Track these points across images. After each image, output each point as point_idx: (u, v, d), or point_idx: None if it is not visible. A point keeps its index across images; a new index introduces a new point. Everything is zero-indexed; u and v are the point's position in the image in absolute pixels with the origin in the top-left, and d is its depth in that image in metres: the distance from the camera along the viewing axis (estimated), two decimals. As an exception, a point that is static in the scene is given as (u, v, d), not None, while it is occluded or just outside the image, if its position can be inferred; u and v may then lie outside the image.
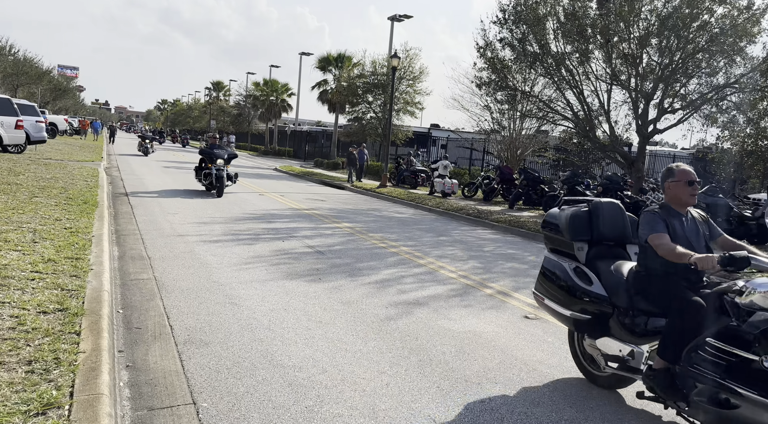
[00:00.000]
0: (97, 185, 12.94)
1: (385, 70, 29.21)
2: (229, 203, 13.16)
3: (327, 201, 16.02)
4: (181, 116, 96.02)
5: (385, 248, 9.00)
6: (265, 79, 52.11)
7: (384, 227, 11.57)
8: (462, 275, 7.51)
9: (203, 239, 8.44)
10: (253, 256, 7.52)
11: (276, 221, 10.91)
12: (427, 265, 7.96)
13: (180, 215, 10.71)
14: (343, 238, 9.65)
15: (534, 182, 17.02)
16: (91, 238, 7.03)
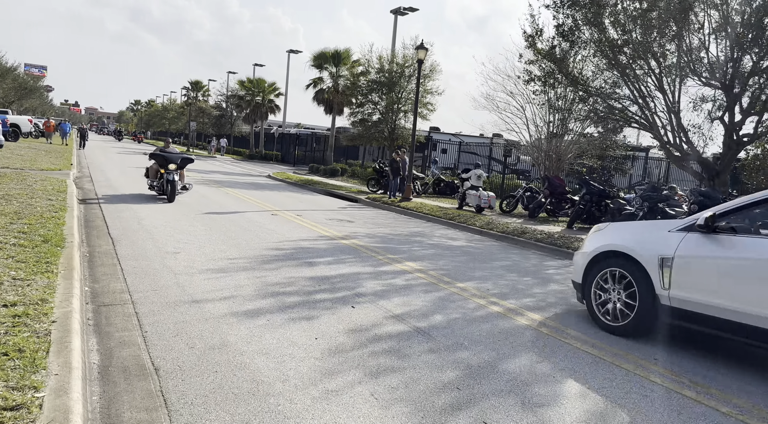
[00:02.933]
0: (65, 207, 9.74)
1: (394, 66, 26.27)
2: (240, 230, 10.07)
3: (355, 222, 13.00)
4: (156, 117, 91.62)
5: (504, 314, 6.00)
6: (249, 78, 48.72)
7: (459, 266, 8.63)
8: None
9: (231, 308, 5.39)
10: (328, 350, 4.50)
11: (318, 263, 7.88)
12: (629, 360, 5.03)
13: (183, 254, 7.61)
14: (429, 294, 6.68)
15: (600, 196, 14.26)
16: (48, 331, 3.94)
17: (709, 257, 5.00)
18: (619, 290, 5.66)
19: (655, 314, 5.35)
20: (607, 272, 5.78)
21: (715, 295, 4.85)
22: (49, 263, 5.82)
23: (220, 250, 8.10)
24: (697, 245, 5.12)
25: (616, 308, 5.64)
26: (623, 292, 5.61)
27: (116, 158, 30.20)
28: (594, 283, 5.90)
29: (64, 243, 6.90)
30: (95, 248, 7.63)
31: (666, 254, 5.27)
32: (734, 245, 4.90)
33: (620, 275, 5.65)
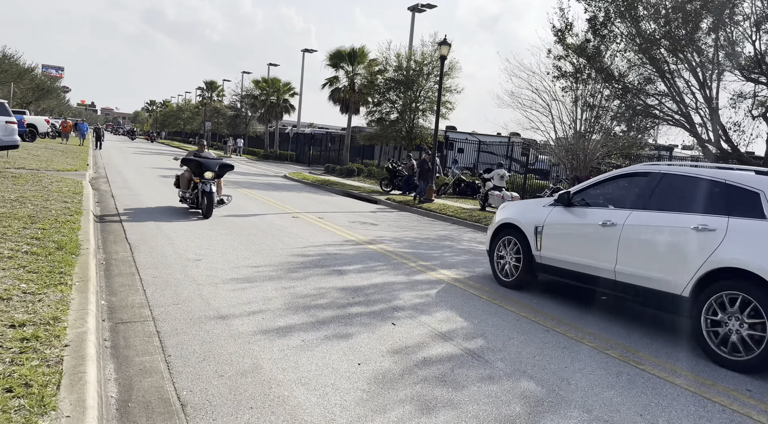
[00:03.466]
0: (81, 210, 9.34)
1: (412, 64, 25.73)
2: (262, 234, 9.60)
3: (379, 225, 12.48)
4: (171, 118, 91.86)
5: (563, 334, 5.42)
6: (264, 77, 48.41)
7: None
8: None
9: (261, 324, 4.89)
10: (374, 379, 3.98)
11: (348, 271, 7.37)
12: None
13: (205, 261, 7.14)
14: (471, 306, 6.14)
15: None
16: (60, 358, 3.47)
17: (564, 224, 6.60)
18: (511, 254, 7.21)
19: (532, 270, 6.96)
20: (504, 239, 7.34)
21: (566, 253, 6.46)
22: (62, 273, 5.38)
23: (243, 257, 7.62)
24: (557, 216, 6.70)
25: (510, 268, 7.19)
26: (513, 255, 7.17)
27: (132, 159, 29.99)
28: (496, 248, 7.47)
29: (79, 250, 6.47)
30: (112, 254, 7.19)
31: (539, 223, 6.85)
32: (579, 215, 6.48)
33: (510, 241, 7.22)
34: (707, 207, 5.37)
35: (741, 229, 4.99)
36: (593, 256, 6.08)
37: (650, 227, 5.67)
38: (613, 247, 5.88)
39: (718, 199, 5.34)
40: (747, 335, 4.72)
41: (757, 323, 4.66)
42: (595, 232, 6.09)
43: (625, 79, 13.39)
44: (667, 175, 5.89)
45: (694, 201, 5.53)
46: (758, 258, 4.73)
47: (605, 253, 5.94)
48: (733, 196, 5.23)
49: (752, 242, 4.87)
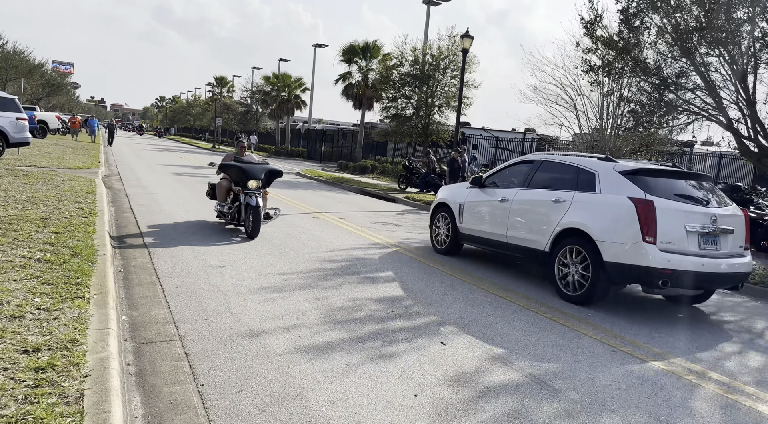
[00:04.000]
0: (95, 211, 8.92)
1: (429, 58, 25.15)
2: (287, 237, 9.13)
3: (402, 226, 11.99)
4: (181, 114, 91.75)
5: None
6: (274, 73, 47.95)
7: (541, 282, 7.56)
8: None
9: (298, 343, 4.42)
10: (436, 415, 3.47)
11: (380, 279, 6.89)
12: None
13: (230, 268, 6.67)
14: (524, 322, 5.64)
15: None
16: (80, 392, 3.00)
17: (476, 201, 8.32)
18: (443, 227, 8.96)
19: (457, 240, 8.68)
20: (439, 215, 9.10)
21: (478, 224, 8.17)
22: (79, 284, 4.93)
23: (268, 263, 7.15)
24: (473, 196, 8.44)
25: (442, 238, 8.95)
26: (444, 228, 8.94)
27: (144, 156, 29.67)
28: (432, 223, 9.30)
29: (95, 256, 6.03)
30: (130, 260, 6.75)
31: (461, 201, 8.61)
32: (488, 194, 8.14)
33: (443, 217, 8.98)
34: (563, 184, 7.06)
35: (581, 200, 6.68)
36: (494, 225, 7.88)
37: (528, 200, 7.44)
38: (505, 217, 7.67)
39: (571, 178, 6.98)
40: (579, 276, 6.43)
41: (585, 267, 6.37)
42: (496, 206, 7.90)
43: (662, 71, 12.77)
44: (544, 161, 7.66)
45: (557, 180, 7.21)
46: (588, 220, 6.45)
47: (501, 222, 7.73)
48: (580, 176, 6.87)
49: (586, 209, 6.57)
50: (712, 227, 6.12)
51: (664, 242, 5.94)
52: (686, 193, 6.46)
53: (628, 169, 6.53)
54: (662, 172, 6.68)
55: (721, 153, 26.57)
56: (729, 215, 6.38)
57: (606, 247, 6.15)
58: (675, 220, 6.04)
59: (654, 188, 6.27)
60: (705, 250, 6.09)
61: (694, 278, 5.94)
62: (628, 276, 6.11)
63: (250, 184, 8.66)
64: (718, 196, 6.73)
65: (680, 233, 5.99)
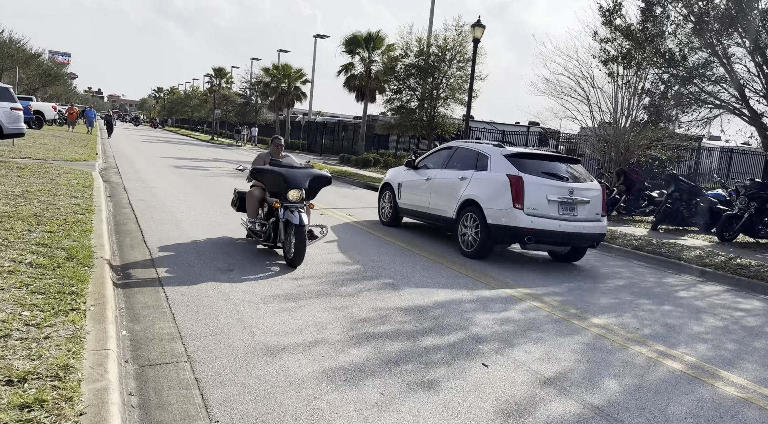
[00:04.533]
0: (92, 207, 8.38)
1: (434, 49, 24.54)
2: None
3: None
4: (179, 105, 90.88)
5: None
6: (274, 64, 47.20)
7: (572, 288, 7.07)
8: None
9: (322, 365, 3.90)
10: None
11: (401, 285, 6.37)
12: None
13: (238, 271, 6.14)
14: (566, 336, 5.12)
15: (690, 194, 12.52)
16: None
17: (410, 180, 9.86)
18: (387, 203, 10.47)
19: (397, 213, 10.19)
20: (384, 193, 10.61)
21: (411, 199, 9.71)
22: (74, 293, 4.41)
23: (279, 265, 6.61)
24: (409, 176, 9.98)
25: (386, 212, 10.47)
26: (388, 203, 10.46)
27: (142, 147, 29.06)
28: (380, 200, 10.78)
29: (92, 259, 5.50)
30: (130, 263, 6.21)
31: (400, 181, 10.13)
32: (419, 174, 9.73)
33: (387, 194, 10.48)
34: (468, 165, 8.76)
35: (477, 177, 8.39)
36: (421, 199, 9.50)
37: (444, 179, 9.10)
38: (428, 193, 9.33)
39: (473, 161, 8.72)
40: (473, 236, 8.13)
41: (476, 230, 8.05)
42: (422, 184, 9.56)
43: (687, 62, 12.22)
44: (458, 148, 9.41)
45: (465, 163, 8.89)
46: (480, 193, 8.17)
47: (426, 197, 9.38)
48: (479, 159, 8.60)
49: (480, 184, 8.27)
50: (569, 198, 7.86)
51: (529, 208, 7.72)
52: (552, 171, 8.16)
53: (510, 153, 8.27)
54: (536, 155, 8.44)
55: (732, 148, 26.11)
56: (586, 189, 8.12)
57: (489, 212, 7.93)
58: (539, 191, 7.78)
59: (526, 167, 8.01)
60: (563, 215, 7.83)
61: (553, 236, 7.73)
62: (504, 235, 7.86)
63: (291, 194, 6.65)
64: (582, 175, 8.40)
65: (543, 202, 7.77)
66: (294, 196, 6.67)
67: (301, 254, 6.50)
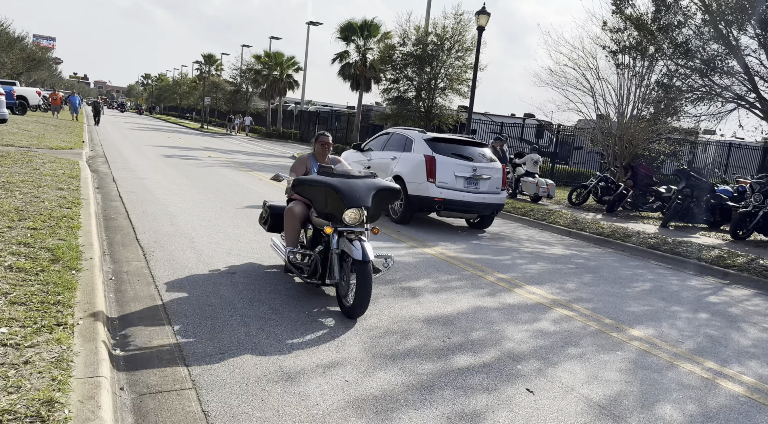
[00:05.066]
0: (79, 200, 7.79)
1: (433, 37, 23.93)
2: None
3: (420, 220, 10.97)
4: (167, 92, 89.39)
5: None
6: (266, 51, 46.26)
7: (598, 292, 6.62)
8: None
9: (344, 390, 3.41)
10: None
11: (418, 288, 5.89)
12: None
13: (240, 275, 5.61)
14: (608, 352, 4.66)
15: (702, 191, 12.13)
16: None
17: (357, 161, 11.04)
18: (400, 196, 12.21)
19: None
20: None
21: None
22: (60, 303, 3.88)
23: (285, 268, 6.09)
24: (357, 157, 11.24)
25: None
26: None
27: (130, 135, 28.24)
28: None
29: (80, 262, 4.95)
30: (121, 264, 5.66)
31: (350, 162, 10.57)
32: (364, 155, 11.11)
33: None
34: (399, 147, 10.31)
35: (404, 157, 9.93)
36: None
37: (380, 159, 10.57)
38: (378, 171, 9.92)
39: (402, 144, 10.24)
40: (399, 205, 9.63)
41: (401, 200, 9.38)
42: (366, 164, 10.76)
43: (700, 54, 11.77)
44: (394, 133, 10.85)
45: (397, 146, 10.41)
46: (404, 169, 9.71)
47: None
48: (407, 142, 10.12)
49: (405, 162, 9.83)
50: (473, 175, 9.54)
51: (440, 182, 9.36)
52: (461, 153, 9.82)
53: (429, 138, 9.90)
54: (450, 139, 10.11)
55: (731, 143, 25.87)
56: (488, 168, 9.75)
57: (410, 185, 9.53)
58: (448, 169, 9.43)
59: (440, 149, 9.67)
60: (467, 188, 9.50)
61: (459, 205, 9.36)
62: (420, 203, 9.49)
63: (348, 216, 4.76)
64: (486, 156, 10.06)
65: (451, 177, 9.42)
66: (352, 217, 4.75)
67: (365, 302, 4.60)
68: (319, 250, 5.00)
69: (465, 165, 9.54)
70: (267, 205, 6.11)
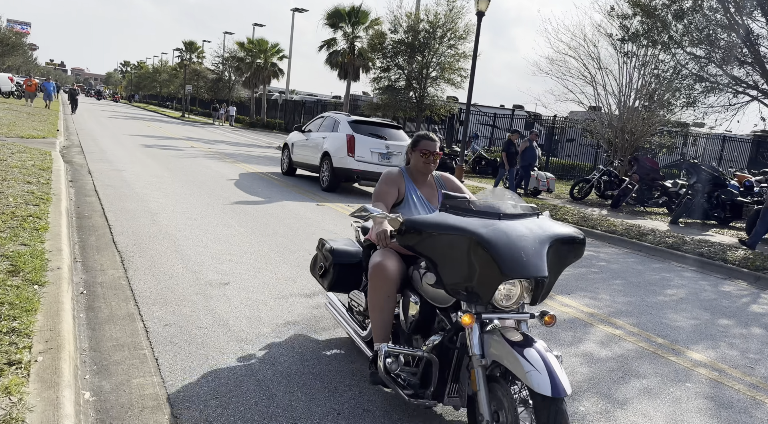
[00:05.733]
0: (49, 196, 6.96)
1: (426, 24, 23.13)
2: (304, 238, 7.30)
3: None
4: (147, 80, 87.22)
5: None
6: (249, 38, 44.98)
7: (635, 303, 5.98)
8: None
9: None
10: None
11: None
12: None
13: (234, 285, 4.85)
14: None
15: (714, 186, 11.60)
16: None
17: (298, 141, 13.44)
18: (285, 158, 14.05)
19: (291, 165, 13.72)
20: (284, 151, 14.28)
21: (298, 154, 13.32)
22: (15, 332, 3.12)
23: (300, 286, 5.32)
24: (298, 138, 13.53)
25: (284, 165, 14.13)
26: (286, 158, 14.01)
27: (108, 124, 27.04)
28: (282, 155, 14.42)
29: (45, 273, 4.17)
30: (95, 273, 4.85)
31: (293, 141, 13.72)
32: (303, 136, 13.29)
33: (285, 152, 14.08)
34: (329, 128, 12.29)
35: (331, 136, 11.88)
36: (303, 154, 13.00)
37: (314, 138, 12.60)
38: (307, 148, 12.82)
39: (332, 125, 12.29)
40: (326, 176, 11.71)
41: (328, 171, 11.67)
42: (305, 143, 12.97)
43: (719, 42, 11.15)
44: (326, 117, 12.89)
45: (327, 127, 12.44)
46: (331, 146, 11.66)
47: (305, 151, 12.94)
48: (335, 124, 12.17)
49: (332, 141, 11.73)
50: (386, 151, 11.54)
51: (358, 157, 11.27)
52: (377, 133, 11.84)
53: (351, 120, 11.95)
54: (369, 122, 12.33)
55: (725, 135, 25.60)
56: (398, 145, 11.67)
57: (334, 159, 11.42)
58: (365, 146, 11.37)
59: (360, 130, 11.65)
60: (381, 162, 11.43)
61: (373, 176, 10.96)
62: (342, 174, 11.39)
63: (505, 292, 2.51)
64: (398, 136, 12.03)
65: (367, 153, 11.36)
66: (513, 296, 2.53)
67: None
68: (432, 345, 2.75)
69: (380, 143, 11.62)
70: (328, 248, 3.70)
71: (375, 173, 10.90)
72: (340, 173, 11.30)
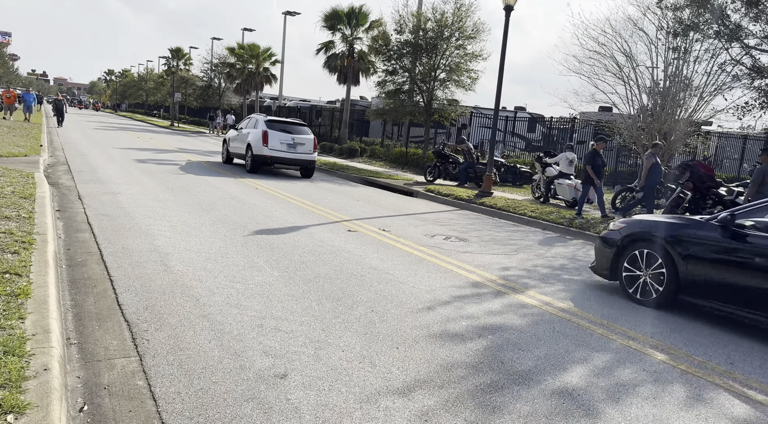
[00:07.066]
0: (32, 237, 5.54)
1: (432, 24, 21.81)
2: (343, 278, 5.91)
3: (469, 240, 8.88)
4: (132, 88, 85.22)
5: None
6: (239, 43, 43.42)
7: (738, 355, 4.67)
8: None
9: None
10: None
11: (574, 391, 3.84)
12: None
13: (277, 361, 3.47)
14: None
15: None
16: None
17: (234, 136, 17.72)
18: (224, 150, 18.47)
19: (229, 155, 18.12)
20: (224, 144, 18.58)
21: (232, 146, 17.68)
22: None
23: (383, 374, 3.93)
24: (234, 133, 17.83)
25: (224, 156, 18.51)
26: (224, 150, 18.45)
27: (94, 136, 25.44)
28: (223, 148, 18.76)
29: (24, 383, 2.77)
30: (99, 368, 3.44)
31: (230, 137, 18.08)
32: (236, 132, 17.74)
33: (225, 145, 18.40)
34: (252, 126, 16.56)
35: (253, 132, 16.19)
36: (236, 146, 17.10)
37: (243, 134, 16.77)
38: (238, 141, 17.01)
39: (254, 124, 16.54)
40: (249, 162, 16.14)
41: (250, 158, 16.21)
42: (238, 138, 17.02)
43: None
44: (252, 117, 17.21)
45: (251, 125, 16.73)
46: (251, 139, 16.06)
47: (237, 144, 17.00)
48: (256, 123, 16.51)
49: (253, 135, 16.08)
50: (293, 142, 15.73)
51: (271, 146, 15.49)
52: (287, 129, 16.07)
53: (267, 120, 16.15)
54: (280, 121, 16.69)
55: (746, 135, 24.61)
56: (303, 138, 16.00)
57: (254, 149, 15.60)
58: (276, 138, 15.58)
59: (274, 127, 15.93)
60: (288, 150, 15.68)
61: (283, 160, 15.71)
62: (260, 160, 15.59)
63: None
64: (303, 132, 16.39)
65: (278, 144, 15.57)
66: None
67: None
68: None
69: (288, 136, 15.78)
70: None
71: (284, 159, 15.64)
72: (259, 159, 15.60)
